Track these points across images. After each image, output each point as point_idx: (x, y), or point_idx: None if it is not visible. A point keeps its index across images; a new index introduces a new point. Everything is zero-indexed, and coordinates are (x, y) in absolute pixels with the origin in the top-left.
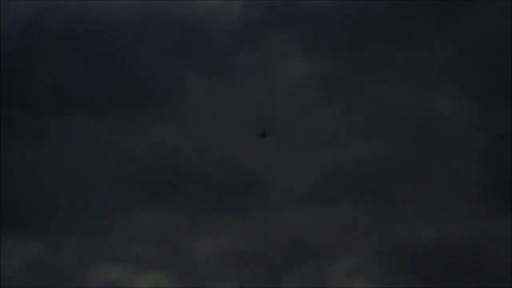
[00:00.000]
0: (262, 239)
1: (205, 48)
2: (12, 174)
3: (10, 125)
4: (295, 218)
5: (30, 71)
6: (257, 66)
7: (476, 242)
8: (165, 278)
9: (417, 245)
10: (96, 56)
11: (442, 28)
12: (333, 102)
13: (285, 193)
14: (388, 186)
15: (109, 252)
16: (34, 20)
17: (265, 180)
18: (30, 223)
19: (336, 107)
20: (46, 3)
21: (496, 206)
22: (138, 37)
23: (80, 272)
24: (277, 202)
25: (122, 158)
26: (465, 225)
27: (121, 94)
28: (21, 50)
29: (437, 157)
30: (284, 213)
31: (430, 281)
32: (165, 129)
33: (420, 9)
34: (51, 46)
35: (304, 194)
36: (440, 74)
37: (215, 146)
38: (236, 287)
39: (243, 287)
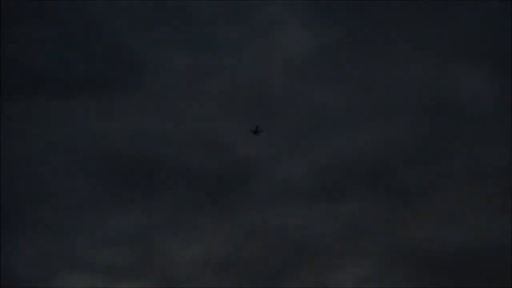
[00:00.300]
0: (255, 242)
1: (189, 20)
2: None
3: None
4: (294, 217)
5: None
6: (249, 39)
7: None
8: None
9: (437, 249)
10: (65, 30)
11: None
12: (337, 80)
13: (282, 188)
14: (401, 178)
15: (75, 257)
16: None
17: (259, 173)
18: None
19: (340, 86)
20: None
21: None
22: (114, 10)
23: (40, 281)
24: (273, 198)
25: (92, 146)
26: (493, 224)
27: (92, 72)
28: None
29: (459, 143)
30: (281, 211)
31: None
32: (142, 113)
33: None
34: (16, 22)
35: (304, 189)
36: (462, 46)
37: (201, 133)
38: None
39: None
